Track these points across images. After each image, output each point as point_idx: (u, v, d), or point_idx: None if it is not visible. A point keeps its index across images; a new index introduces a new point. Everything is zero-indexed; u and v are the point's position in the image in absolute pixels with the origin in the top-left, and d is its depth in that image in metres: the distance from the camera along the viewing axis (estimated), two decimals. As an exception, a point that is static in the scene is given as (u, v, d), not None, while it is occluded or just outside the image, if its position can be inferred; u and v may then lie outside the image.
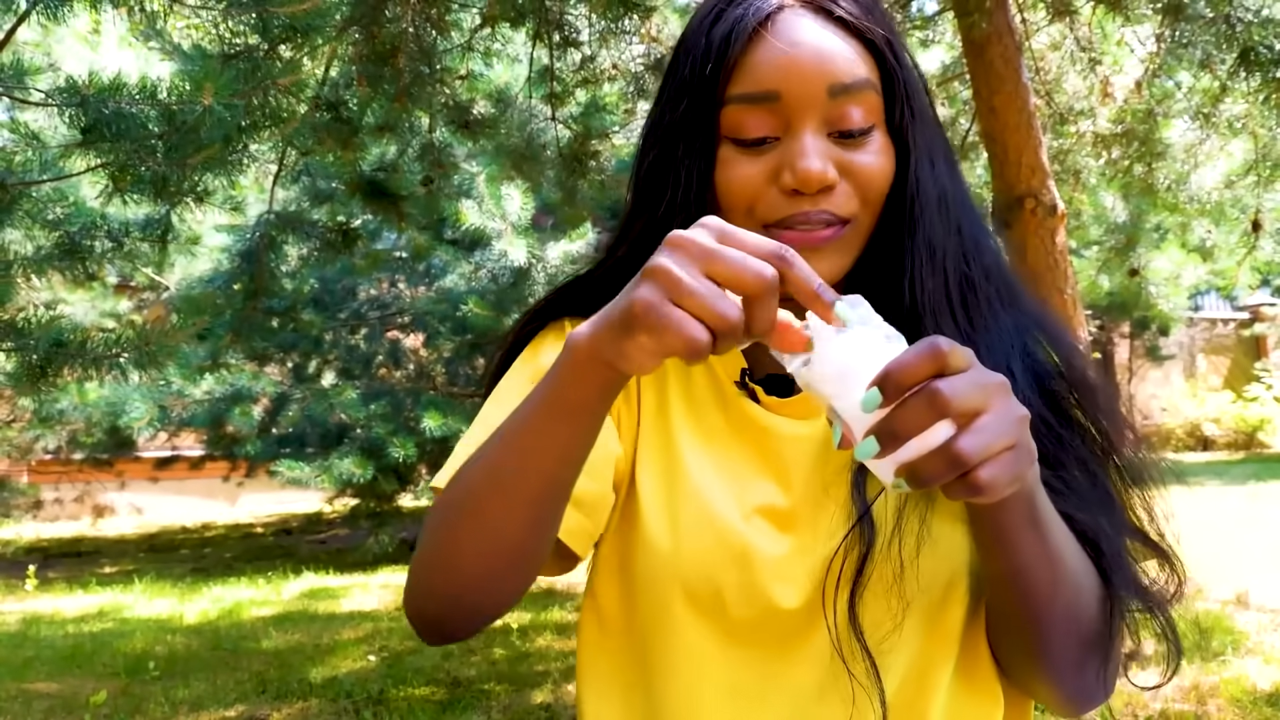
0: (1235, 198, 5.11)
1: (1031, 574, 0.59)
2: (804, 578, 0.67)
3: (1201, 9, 4.20)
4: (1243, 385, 12.83)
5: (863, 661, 0.64)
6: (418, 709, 3.35)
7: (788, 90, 0.65)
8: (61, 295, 6.13)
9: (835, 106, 0.65)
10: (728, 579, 0.67)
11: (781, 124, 0.66)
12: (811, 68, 0.65)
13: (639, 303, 0.49)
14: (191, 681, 3.82)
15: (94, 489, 8.75)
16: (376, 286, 7.70)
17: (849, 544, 0.66)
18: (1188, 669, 3.20)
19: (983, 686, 0.69)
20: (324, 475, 5.97)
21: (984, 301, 0.69)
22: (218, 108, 2.68)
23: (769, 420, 0.71)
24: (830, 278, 0.67)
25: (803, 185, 0.64)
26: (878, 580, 0.65)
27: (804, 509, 0.69)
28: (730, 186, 0.67)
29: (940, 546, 0.66)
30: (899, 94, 0.68)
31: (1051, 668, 0.64)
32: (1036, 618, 0.61)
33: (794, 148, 0.65)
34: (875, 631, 0.65)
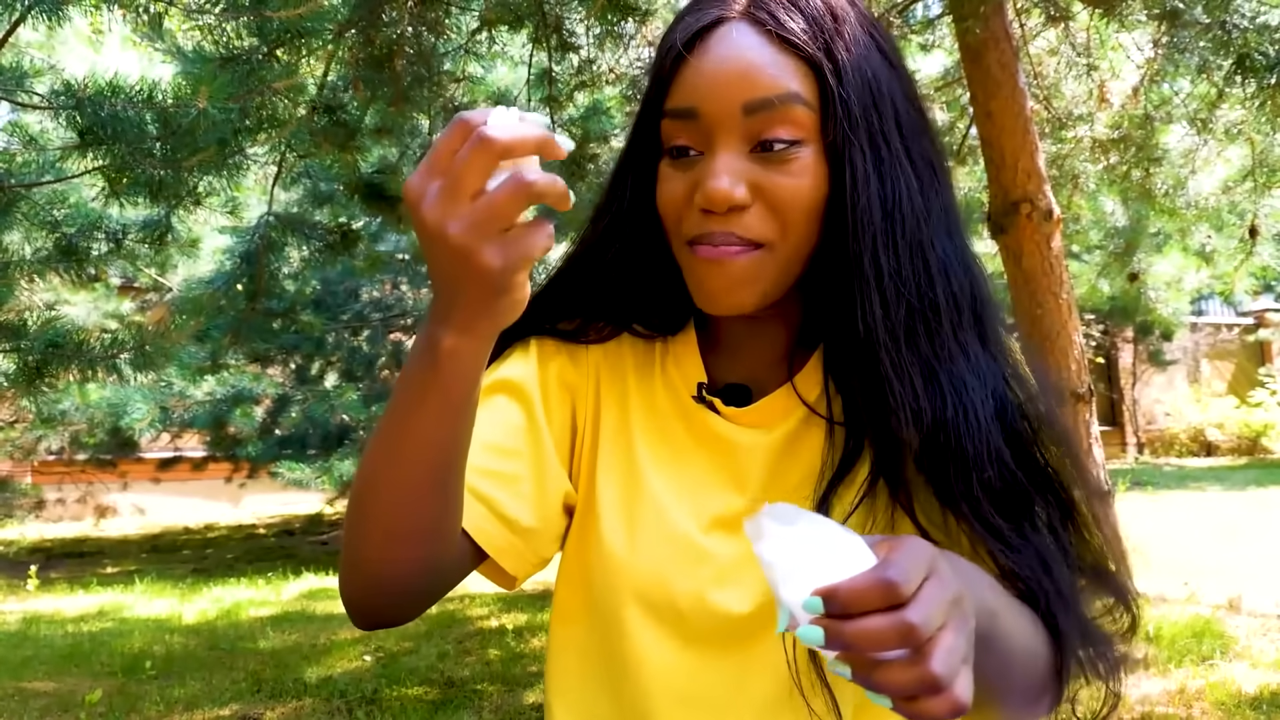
0: (1233, 203, 5.11)
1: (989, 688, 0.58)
2: (756, 583, 0.67)
3: (1198, 15, 4.20)
4: (1247, 391, 12.79)
5: (813, 670, 0.64)
6: (410, 708, 3.37)
7: (704, 107, 0.64)
8: (64, 296, 6.17)
9: (753, 123, 0.64)
10: (682, 586, 0.68)
11: (703, 140, 0.65)
12: (728, 84, 0.64)
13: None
14: (187, 681, 3.84)
15: (96, 490, 8.78)
16: (379, 288, 7.74)
17: None
18: (1175, 673, 3.20)
19: None
20: (324, 476, 6.00)
21: (950, 329, 0.65)
22: (213, 110, 2.71)
23: (728, 430, 0.72)
24: (749, 303, 0.66)
25: (709, 204, 0.64)
26: None
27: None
28: (660, 202, 0.68)
29: None
30: (834, 111, 0.64)
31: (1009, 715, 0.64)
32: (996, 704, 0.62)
33: (707, 166, 0.65)
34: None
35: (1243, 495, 8.12)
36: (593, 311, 0.76)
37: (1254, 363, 14.13)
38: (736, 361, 0.75)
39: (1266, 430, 12.20)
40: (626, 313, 0.77)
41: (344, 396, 6.27)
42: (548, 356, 0.75)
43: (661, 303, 0.76)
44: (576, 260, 0.76)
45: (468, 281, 0.49)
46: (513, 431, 0.70)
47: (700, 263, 0.66)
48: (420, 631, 4.51)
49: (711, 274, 0.65)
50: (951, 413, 0.63)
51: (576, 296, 0.76)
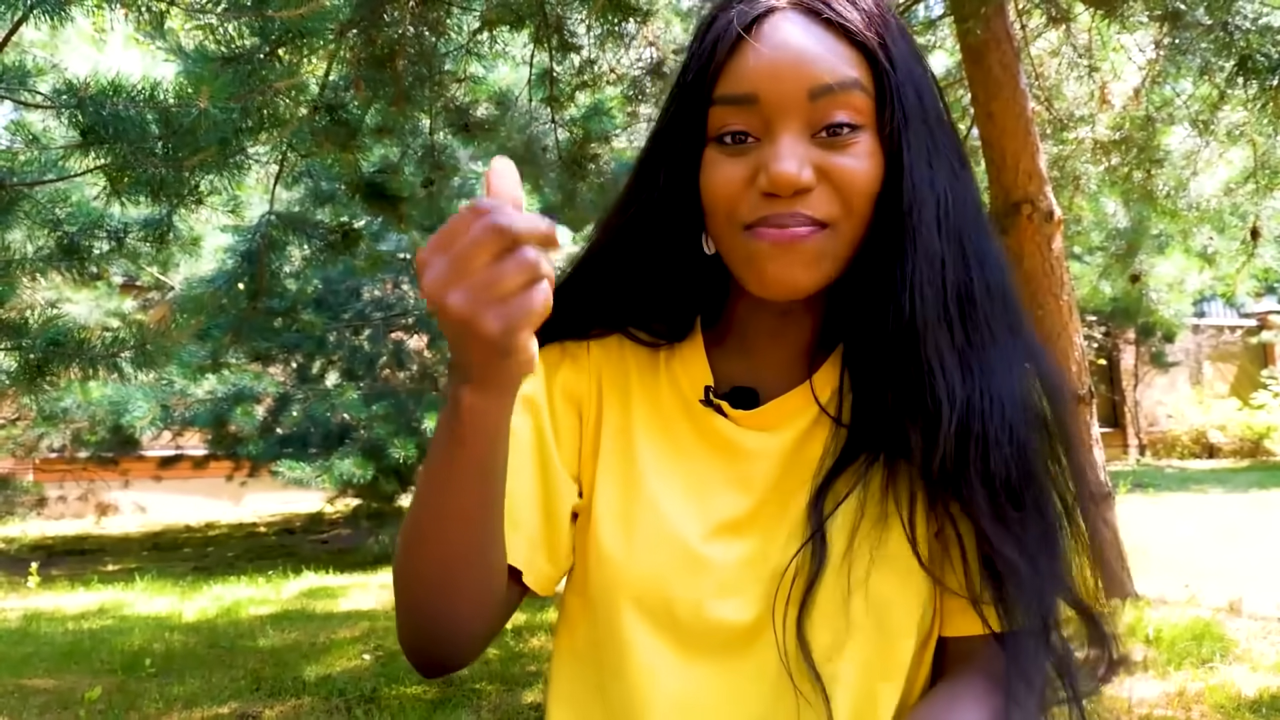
0: (1234, 205, 5.11)
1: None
2: (756, 592, 0.67)
3: (1199, 16, 4.20)
4: (1249, 393, 12.77)
5: (810, 680, 0.64)
6: (409, 707, 3.37)
7: (767, 93, 0.64)
8: (67, 295, 6.19)
9: (817, 109, 0.64)
10: (679, 593, 0.68)
11: (762, 126, 0.65)
12: (791, 70, 0.64)
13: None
14: (186, 678, 3.85)
15: (98, 487, 8.80)
16: (381, 288, 7.74)
17: (800, 562, 0.66)
18: (1174, 675, 3.20)
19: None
20: (325, 475, 6.01)
21: (984, 317, 0.66)
22: (214, 110, 2.72)
23: (735, 433, 0.72)
24: (812, 284, 0.66)
25: (776, 187, 0.63)
26: (826, 600, 0.66)
27: (763, 522, 0.69)
28: (711, 188, 0.67)
29: (893, 574, 0.66)
30: (890, 97, 0.66)
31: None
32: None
33: (771, 150, 0.64)
34: (822, 651, 0.66)
35: (1245, 497, 8.11)
36: (604, 312, 0.76)
37: (1257, 365, 14.11)
38: (746, 364, 0.75)
39: (1269, 432, 12.18)
40: (637, 313, 0.76)
41: (345, 396, 6.28)
42: (552, 366, 0.75)
43: (676, 300, 0.75)
44: (596, 256, 0.75)
45: (472, 346, 0.51)
46: (521, 448, 0.70)
47: (764, 246, 0.65)
48: (420, 630, 4.52)
49: (777, 256, 0.65)
50: (979, 397, 0.64)
51: (594, 295, 0.75)
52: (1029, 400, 0.66)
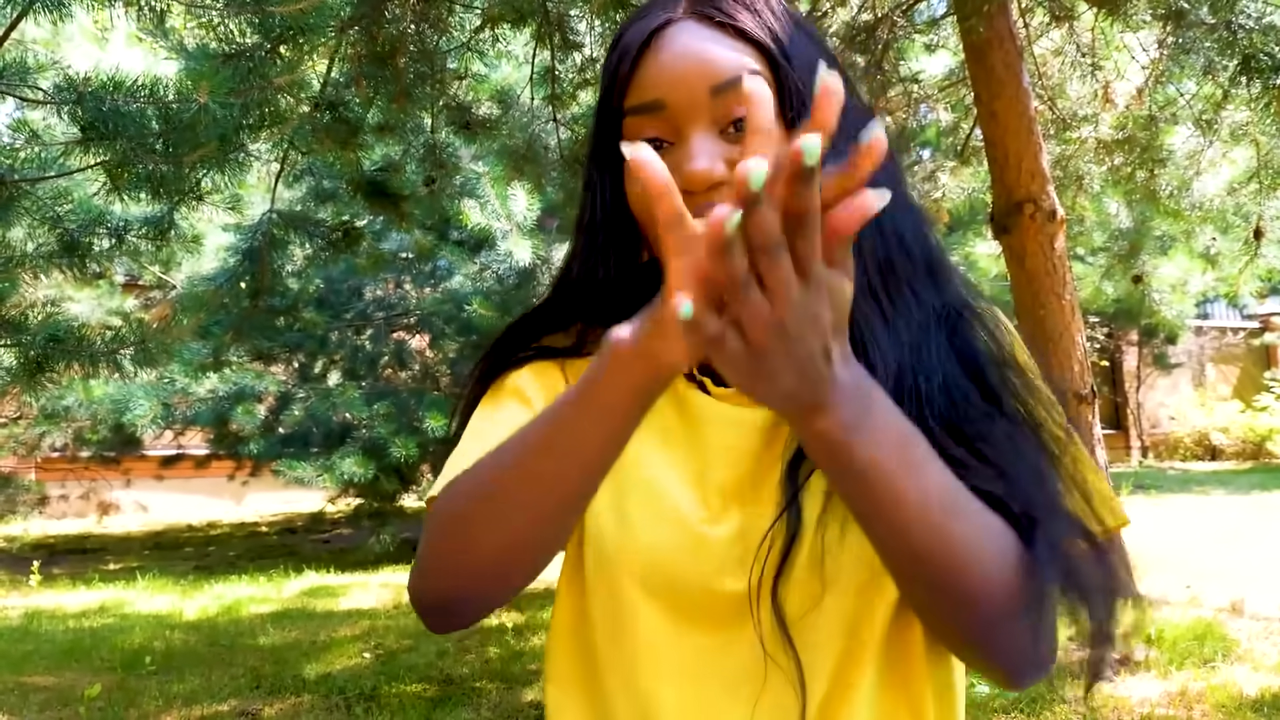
0: (1238, 205, 5.09)
1: (873, 516, 0.58)
2: (747, 561, 0.69)
3: (1203, 15, 4.19)
4: (1252, 395, 12.74)
5: (784, 647, 0.66)
6: (409, 705, 3.36)
7: (671, 97, 0.67)
8: (68, 293, 6.19)
9: (720, 105, 0.67)
10: (682, 568, 0.69)
11: (673, 130, 0.68)
12: (691, 71, 0.67)
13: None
14: (187, 676, 3.85)
15: (100, 486, 8.81)
16: (383, 287, 7.74)
17: (775, 532, 0.67)
18: (1176, 675, 3.19)
19: (908, 688, 0.69)
20: (326, 474, 6.01)
21: (905, 282, 0.69)
22: (213, 106, 2.71)
23: (718, 409, 0.73)
24: None
25: (690, 185, 0.65)
26: (801, 566, 0.67)
27: (748, 493, 0.71)
28: (633, 197, 0.70)
29: (857, 531, 0.66)
30: (790, 90, 0.68)
31: (948, 621, 0.63)
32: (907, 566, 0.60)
33: (682, 152, 0.67)
34: (796, 615, 0.67)
35: (1246, 499, 8.09)
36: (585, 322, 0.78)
37: (1259, 366, 14.08)
38: None
39: (1271, 434, 12.15)
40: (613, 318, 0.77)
41: (346, 395, 6.28)
42: (543, 370, 0.77)
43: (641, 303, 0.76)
44: (565, 279, 0.77)
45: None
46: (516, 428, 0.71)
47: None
48: (420, 629, 4.51)
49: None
50: (908, 353, 0.66)
51: (569, 315, 0.77)
52: (968, 350, 0.68)
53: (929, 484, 0.58)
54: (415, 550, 0.65)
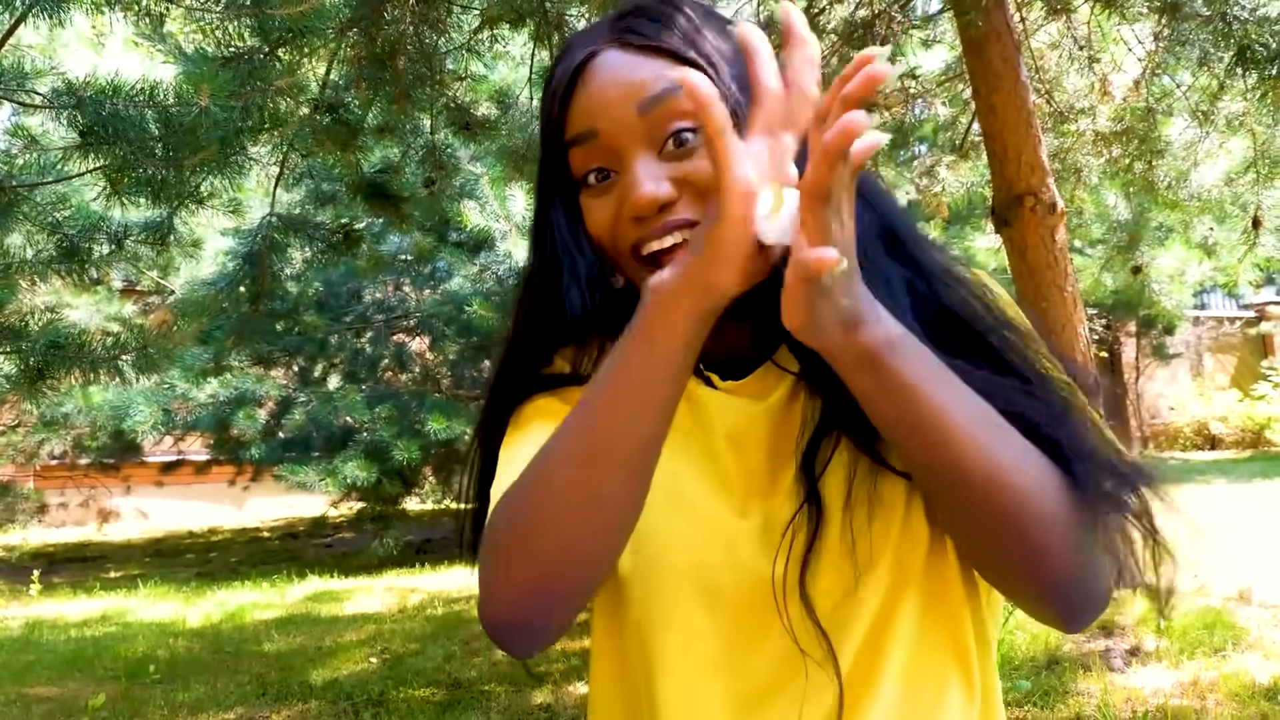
0: (1235, 195, 5.09)
1: (913, 438, 0.59)
2: (772, 551, 0.69)
3: (1198, 7, 4.19)
4: (1249, 384, 12.77)
5: (817, 636, 0.66)
6: (418, 710, 3.35)
7: (602, 123, 0.68)
8: (66, 299, 6.16)
9: (652, 123, 0.67)
10: (715, 561, 0.69)
11: (614, 158, 0.68)
12: (617, 96, 0.68)
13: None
14: (191, 684, 3.83)
15: (99, 494, 8.77)
16: (382, 289, 7.73)
17: (798, 523, 0.68)
18: (1187, 664, 3.18)
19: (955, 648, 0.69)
20: (329, 478, 5.99)
21: (877, 264, 0.67)
22: (214, 109, 2.69)
23: (726, 402, 0.74)
24: None
25: (638, 210, 0.66)
26: (831, 553, 0.67)
27: (766, 485, 0.71)
28: (591, 230, 0.71)
29: (893, 511, 0.68)
30: (721, 91, 0.67)
31: (1002, 554, 0.63)
32: (952, 493, 0.60)
33: (625, 180, 0.67)
34: (831, 605, 0.67)
35: (1248, 488, 8.10)
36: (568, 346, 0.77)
37: (1256, 356, 14.11)
38: (720, 343, 0.74)
39: (1270, 423, 12.17)
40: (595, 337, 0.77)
41: (348, 398, 6.26)
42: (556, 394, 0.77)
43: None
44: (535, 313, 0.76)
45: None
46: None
47: (654, 265, 0.67)
48: (426, 633, 4.50)
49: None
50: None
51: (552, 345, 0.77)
52: (962, 312, 0.68)
53: (969, 402, 0.60)
54: (419, 553, 0.64)
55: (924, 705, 0.68)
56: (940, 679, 0.69)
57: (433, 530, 7.93)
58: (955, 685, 0.69)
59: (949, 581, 0.70)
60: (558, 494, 0.59)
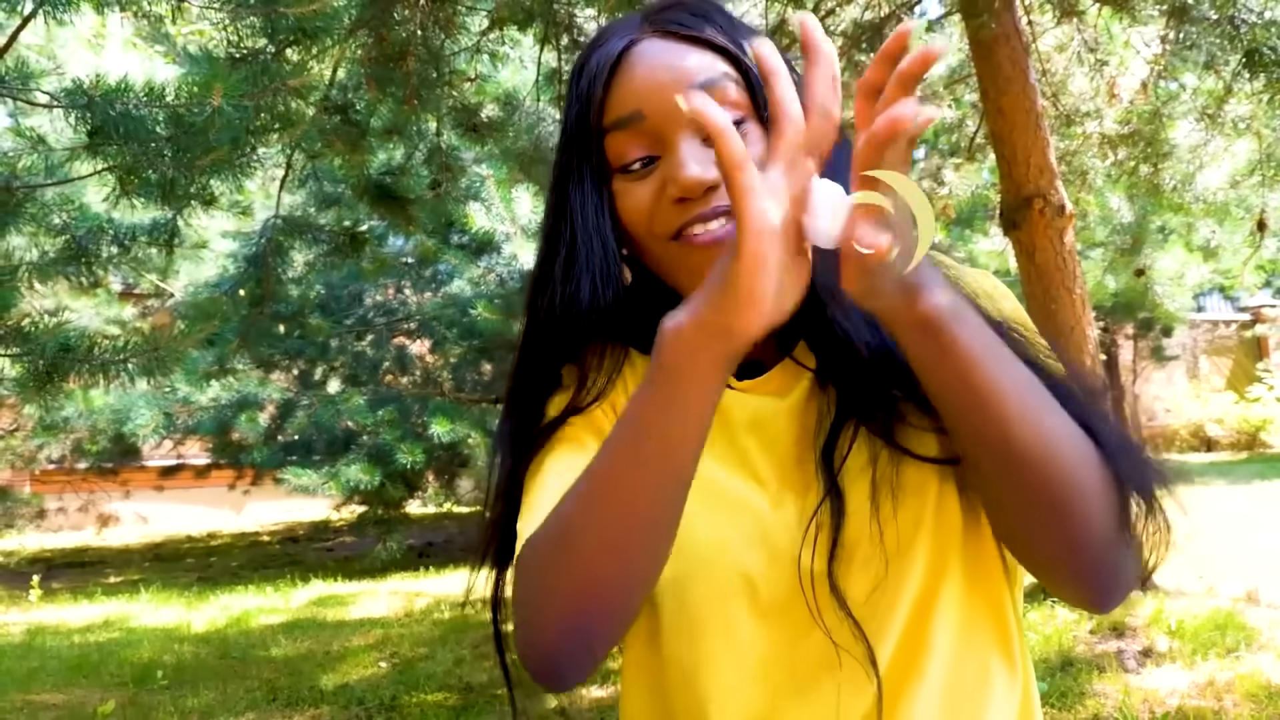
0: (1240, 198, 5.11)
1: (971, 408, 0.58)
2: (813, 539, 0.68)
3: (1206, 11, 4.20)
4: (1245, 386, 12.82)
5: (850, 628, 0.65)
6: (430, 715, 3.33)
7: (649, 106, 0.67)
8: (65, 302, 6.12)
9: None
10: (755, 555, 0.69)
11: (656, 142, 0.68)
12: (666, 78, 0.67)
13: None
14: (200, 690, 3.80)
15: (98, 498, 8.72)
16: (383, 292, 7.70)
17: (820, 518, 0.67)
18: (1201, 665, 3.18)
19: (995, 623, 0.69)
20: (331, 482, 5.96)
21: None
22: (227, 108, 2.67)
23: (751, 402, 0.73)
24: None
25: (686, 192, 0.66)
26: (860, 545, 0.67)
27: (794, 478, 0.71)
28: (627, 216, 0.69)
29: (918, 497, 0.68)
30: (759, 90, 0.68)
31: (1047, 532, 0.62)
32: (1003, 467, 0.59)
33: (671, 161, 0.67)
34: (863, 596, 0.67)
35: (1247, 489, 8.12)
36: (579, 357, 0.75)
37: (1251, 358, 14.17)
38: None
39: (1265, 425, 12.23)
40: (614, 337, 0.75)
41: (350, 401, 6.23)
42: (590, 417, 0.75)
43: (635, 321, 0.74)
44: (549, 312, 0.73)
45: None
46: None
47: (697, 250, 0.67)
48: (435, 637, 4.47)
49: (713, 248, 0.66)
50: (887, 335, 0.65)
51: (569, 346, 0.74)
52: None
53: (1022, 375, 0.59)
54: (421, 556, 0.62)
55: (968, 688, 0.67)
56: (983, 660, 0.69)
57: (435, 533, 7.89)
58: (999, 666, 0.69)
59: (989, 563, 0.70)
60: (585, 540, 0.58)
